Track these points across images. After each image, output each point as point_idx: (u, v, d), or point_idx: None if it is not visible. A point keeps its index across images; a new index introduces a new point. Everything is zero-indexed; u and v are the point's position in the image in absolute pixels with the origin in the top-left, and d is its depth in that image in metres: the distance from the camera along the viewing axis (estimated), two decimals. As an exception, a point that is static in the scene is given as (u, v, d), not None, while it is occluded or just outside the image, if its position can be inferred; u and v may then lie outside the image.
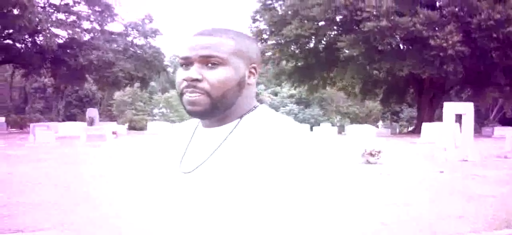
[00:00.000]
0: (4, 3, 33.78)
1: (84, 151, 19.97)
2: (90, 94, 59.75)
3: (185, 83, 1.27)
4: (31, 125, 31.91)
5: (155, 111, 59.20)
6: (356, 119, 62.60)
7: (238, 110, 1.33)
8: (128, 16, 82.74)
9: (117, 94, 57.79)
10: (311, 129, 47.24)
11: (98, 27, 41.37)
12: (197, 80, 1.26)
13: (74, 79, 41.78)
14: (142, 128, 44.05)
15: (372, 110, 64.06)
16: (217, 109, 1.28)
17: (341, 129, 43.25)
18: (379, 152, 16.14)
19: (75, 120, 48.67)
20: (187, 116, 1.35)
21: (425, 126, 28.13)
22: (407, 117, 61.57)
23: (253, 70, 1.35)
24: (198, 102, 1.26)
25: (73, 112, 59.44)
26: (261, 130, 1.26)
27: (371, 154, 16.02)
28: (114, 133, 30.58)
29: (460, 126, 18.30)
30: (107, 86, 42.27)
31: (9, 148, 21.44)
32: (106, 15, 41.40)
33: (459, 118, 18.10)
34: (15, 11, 34.03)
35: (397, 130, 49.06)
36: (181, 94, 1.30)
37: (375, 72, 37.14)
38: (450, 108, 17.93)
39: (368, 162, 15.64)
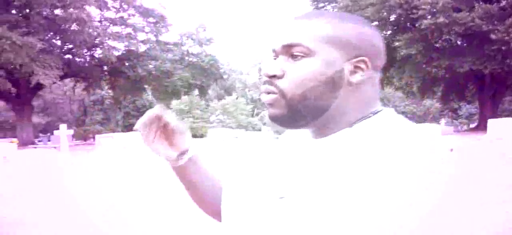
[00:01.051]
0: (64, 20, 34.80)
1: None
2: (147, 103, 60.81)
3: (264, 81, 1.05)
4: (97, 136, 32.70)
5: (212, 118, 59.73)
6: (413, 118, 61.70)
7: (345, 117, 1.03)
8: (182, 26, 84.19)
9: (174, 103, 58.60)
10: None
11: (153, 38, 42.05)
12: (274, 76, 1.02)
13: (133, 90, 42.64)
14: (202, 135, 44.54)
15: (430, 108, 63.03)
16: (299, 113, 1.02)
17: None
18: (450, 150, 16.11)
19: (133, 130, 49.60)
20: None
21: (491, 122, 27.40)
22: (466, 114, 60.19)
23: (361, 65, 1.02)
24: (273, 104, 1.03)
25: (132, 122, 60.58)
26: (371, 144, 0.96)
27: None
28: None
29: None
30: (166, 95, 42.91)
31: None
32: (160, 26, 42.04)
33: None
34: (75, 27, 34.97)
35: (459, 128, 47.99)
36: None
37: (434, 70, 36.39)
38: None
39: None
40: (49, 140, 44.14)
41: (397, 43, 35.37)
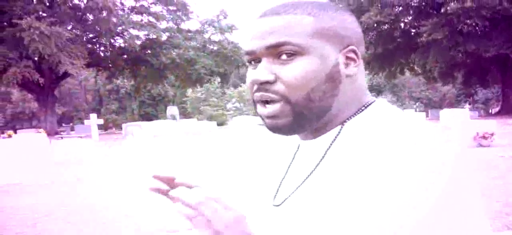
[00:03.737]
0: (90, 9, 34.86)
1: (203, 144, 20.29)
2: (163, 92, 60.75)
3: (255, 87, 0.93)
4: (124, 125, 32.85)
5: (229, 105, 59.57)
6: (429, 104, 61.69)
7: (340, 113, 0.95)
8: (203, 14, 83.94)
9: (190, 91, 58.52)
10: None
11: (174, 26, 41.95)
12: (267, 82, 0.91)
13: (155, 78, 42.61)
14: (222, 123, 44.59)
15: (446, 94, 62.89)
16: (305, 118, 0.93)
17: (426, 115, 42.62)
18: (492, 135, 15.88)
19: (150, 119, 49.69)
20: None
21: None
22: (483, 99, 60.05)
23: (351, 55, 0.94)
24: (276, 114, 0.92)
25: (147, 111, 60.66)
26: (367, 140, 0.89)
27: (483, 137, 15.78)
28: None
29: None
30: (189, 83, 42.89)
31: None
32: (181, 14, 41.94)
33: None
34: (101, 15, 34.96)
35: (482, 112, 47.89)
36: (254, 103, 0.97)
37: (459, 55, 36.34)
38: None
39: (480, 145, 15.40)
40: (72, 130, 44.29)
41: (422, 28, 35.25)
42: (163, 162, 15.23)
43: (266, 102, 0.93)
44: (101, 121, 25.48)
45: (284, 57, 0.90)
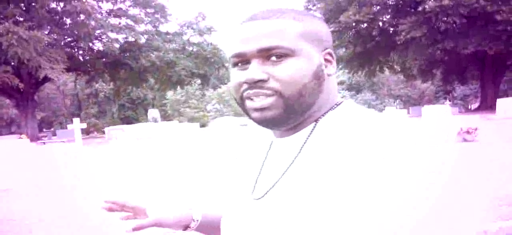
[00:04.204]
0: (68, 12, 34.60)
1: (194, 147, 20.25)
2: (142, 95, 60.50)
3: (245, 86, 0.99)
4: (107, 129, 32.66)
5: (209, 107, 59.46)
6: (409, 101, 62.25)
7: (317, 110, 1.03)
8: (182, 16, 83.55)
9: (169, 94, 58.35)
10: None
11: (153, 29, 41.79)
12: (261, 81, 0.98)
13: (135, 81, 42.49)
14: (204, 125, 44.40)
15: (425, 91, 63.49)
16: (294, 112, 1.00)
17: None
18: (475, 129, 16.00)
19: (130, 122, 49.41)
20: (240, 110, 1.03)
21: (501, 102, 27.73)
22: (461, 96, 60.75)
23: (328, 57, 1.04)
24: (268, 106, 0.98)
25: (127, 114, 60.33)
26: (340, 134, 0.96)
27: (467, 132, 15.90)
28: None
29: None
30: (170, 85, 42.78)
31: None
32: (160, 16, 41.83)
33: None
34: (79, 19, 34.74)
35: (462, 109, 48.44)
36: (242, 100, 1.02)
37: (437, 52, 36.72)
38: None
39: (465, 140, 15.51)
40: (54, 135, 43.86)
41: (401, 27, 35.55)
42: (148, 165, 15.21)
43: (257, 97, 0.99)
44: (84, 125, 25.17)
45: (274, 58, 0.97)
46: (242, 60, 1.00)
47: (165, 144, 24.30)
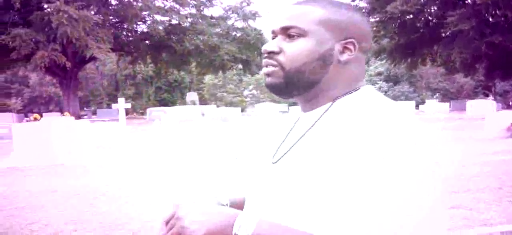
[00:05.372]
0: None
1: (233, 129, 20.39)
2: (179, 78, 60.75)
3: (265, 55, 1.20)
4: (148, 110, 32.95)
5: (246, 92, 59.67)
6: (446, 95, 61.40)
7: (331, 92, 1.19)
8: (226, 0, 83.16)
9: (208, 78, 58.44)
10: (417, 107, 46.62)
11: (197, 12, 41.67)
12: (273, 52, 1.18)
13: (177, 64, 42.59)
14: (242, 110, 44.54)
15: (464, 86, 62.53)
16: (293, 84, 1.18)
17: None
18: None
19: (166, 104, 49.64)
20: (278, 97, 1.27)
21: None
22: (501, 92, 59.78)
23: (349, 46, 1.17)
24: (271, 74, 1.19)
25: (163, 97, 60.68)
26: (354, 115, 1.10)
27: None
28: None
29: None
30: (213, 69, 42.84)
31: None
32: (205, 0, 41.71)
33: None
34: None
35: (503, 105, 47.61)
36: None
37: (483, 46, 35.96)
38: None
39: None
40: (94, 114, 44.42)
41: (449, 19, 34.92)
42: (194, 146, 15.50)
43: (266, 65, 1.19)
44: (128, 105, 25.48)
45: (290, 36, 1.17)
46: (273, 35, 1.21)
47: (208, 127, 24.53)
